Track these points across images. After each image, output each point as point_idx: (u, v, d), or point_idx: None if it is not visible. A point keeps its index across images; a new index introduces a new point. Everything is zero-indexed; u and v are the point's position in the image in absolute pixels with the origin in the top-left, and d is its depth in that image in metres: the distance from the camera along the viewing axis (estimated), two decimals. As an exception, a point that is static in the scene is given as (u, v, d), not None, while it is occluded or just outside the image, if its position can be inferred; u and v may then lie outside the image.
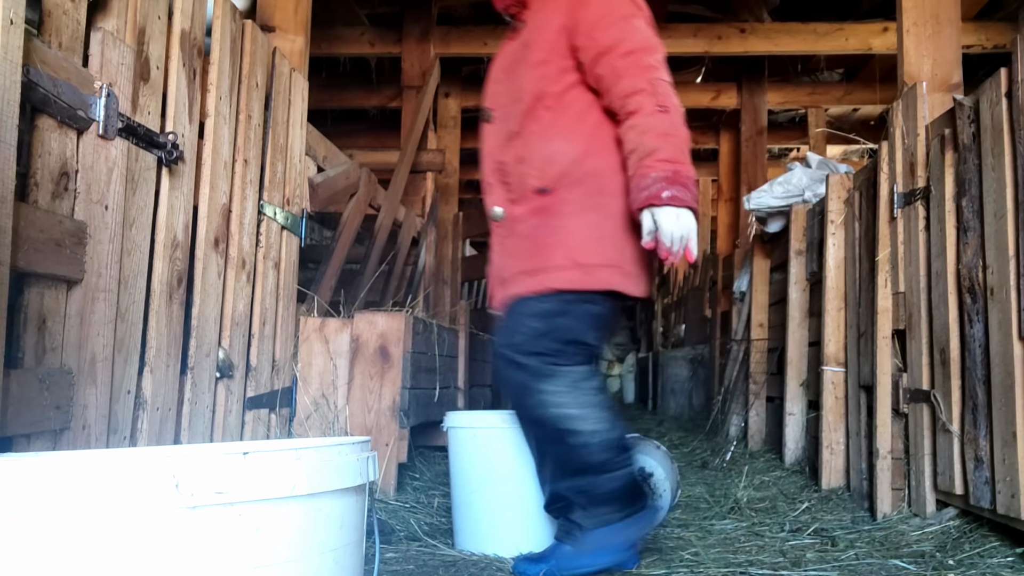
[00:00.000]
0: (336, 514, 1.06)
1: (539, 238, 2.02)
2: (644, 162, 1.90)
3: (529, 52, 2.12)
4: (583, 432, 1.95)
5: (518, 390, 2.02)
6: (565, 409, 1.96)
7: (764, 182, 5.11)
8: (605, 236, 2.00)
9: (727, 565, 2.18)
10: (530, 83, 2.09)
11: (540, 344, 1.97)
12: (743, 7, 5.58)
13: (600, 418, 1.99)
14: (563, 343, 1.98)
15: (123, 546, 0.89)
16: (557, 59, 2.06)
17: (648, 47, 2.01)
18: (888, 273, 2.87)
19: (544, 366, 1.97)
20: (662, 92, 1.95)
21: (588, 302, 1.99)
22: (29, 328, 1.54)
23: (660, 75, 1.98)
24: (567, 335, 1.98)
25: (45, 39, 1.59)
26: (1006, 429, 2.09)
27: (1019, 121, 2.06)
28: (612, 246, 1.99)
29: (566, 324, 1.98)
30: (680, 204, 1.87)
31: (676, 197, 1.86)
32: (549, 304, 1.99)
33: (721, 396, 5.17)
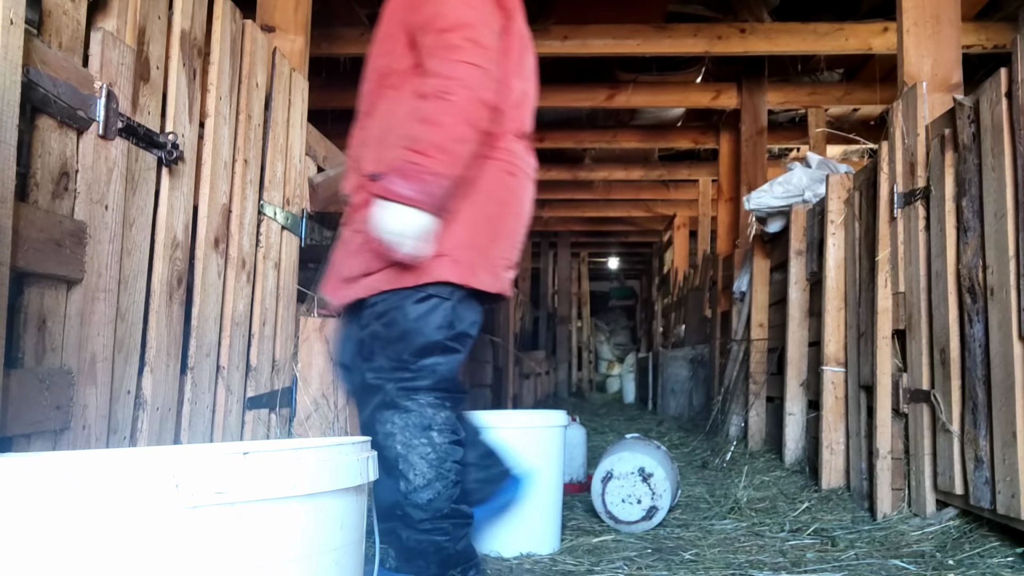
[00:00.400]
0: (336, 514, 1.05)
1: (370, 232, 1.81)
2: (400, 149, 1.74)
3: (378, 26, 1.97)
4: (412, 482, 1.79)
5: (369, 413, 1.87)
6: (403, 451, 1.79)
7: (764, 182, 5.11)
8: (443, 226, 1.80)
9: (727, 565, 2.18)
10: (375, 60, 1.96)
11: (389, 357, 1.81)
12: (743, 7, 5.58)
13: (436, 477, 1.80)
14: (414, 354, 1.81)
15: (123, 546, 0.89)
16: (401, 33, 1.90)
17: (462, 23, 1.77)
18: (888, 273, 2.87)
19: (399, 394, 1.80)
20: (449, 75, 1.74)
21: (425, 300, 1.81)
22: (29, 328, 1.54)
23: (461, 56, 1.75)
24: (414, 342, 1.81)
25: (45, 39, 1.59)
26: (1006, 429, 2.09)
27: (1019, 121, 2.06)
28: (447, 235, 1.80)
29: (407, 328, 1.81)
30: (395, 199, 1.69)
31: (394, 192, 1.68)
32: (385, 306, 1.83)
33: (721, 396, 5.17)
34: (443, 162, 1.72)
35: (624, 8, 5.47)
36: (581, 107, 7.22)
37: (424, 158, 1.70)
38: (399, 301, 1.82)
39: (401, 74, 1.89)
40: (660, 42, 5.51)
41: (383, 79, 1.93)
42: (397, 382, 1.81)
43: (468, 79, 1.74)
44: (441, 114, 1.72)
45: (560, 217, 11.79)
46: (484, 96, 1.77)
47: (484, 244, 1.87)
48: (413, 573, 1.83)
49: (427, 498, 1.79)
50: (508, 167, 1.92)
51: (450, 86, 1.73)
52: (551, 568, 2.16)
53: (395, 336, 1.82)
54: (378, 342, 1.84)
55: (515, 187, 1.94)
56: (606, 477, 2.72)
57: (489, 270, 1.87)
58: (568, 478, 3.56)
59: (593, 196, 10.32)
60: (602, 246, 15.09)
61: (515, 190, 1.94)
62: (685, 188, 10.20)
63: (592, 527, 2.73)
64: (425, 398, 1.82)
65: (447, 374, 1.85)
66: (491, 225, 1.88)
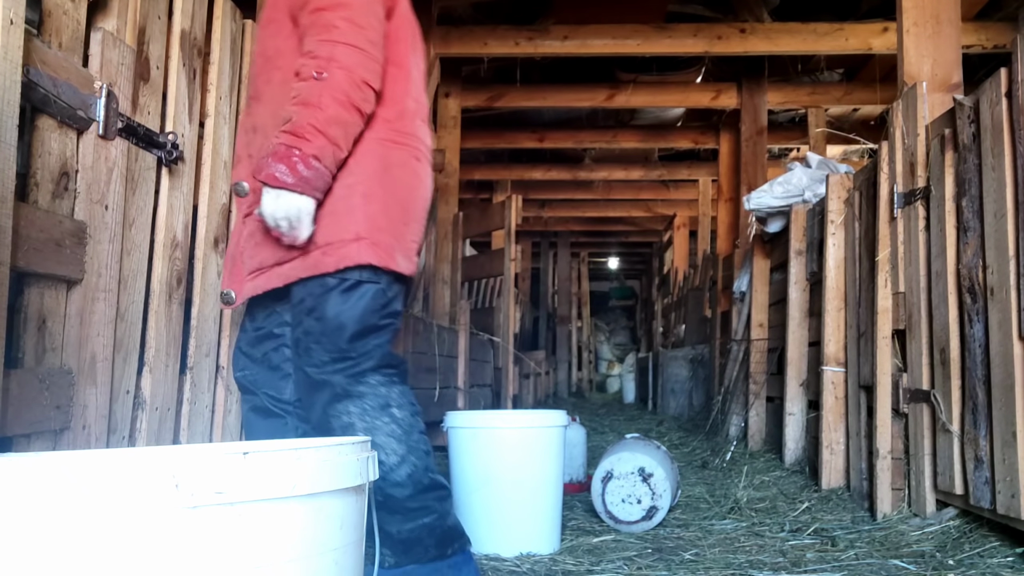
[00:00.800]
0: (336, 514, 1.06)
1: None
2: (278, 131, 1.72)
3: (263, 9, 1.94)
4: (386, 462, 1.77)
5: (321, 411, 1.84)
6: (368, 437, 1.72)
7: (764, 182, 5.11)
8: (349, 209, 1.79)
9: (727, 565, 2.18)
10: (261, 43, 1.93)
11: (328, 349, 1.79)
12: (743, 7, 5.58)
13: (408, 451, 1.80)
14: (352, 340, 1.80)
15: (123, 546, 0.89)
16: (285, 15, 1.87)
17: (339, 3, 1.73)
18: (888, 273, 2.87)
19: (349, 382, 1.79)
20: (325, 55, 1.70)
21: (354, 287, 1.80)
22: (29, 328, 1.54)
23: (337, 35, 1.72)
24: (350, 329, 1.79)
25: (45, 39, 1.59)
26: (1006, 429, 2.09)
27: (1019, 121, 2.06)
28: (355, 219, 1.79)
29: (341, 318, 1.79)
30: (275, 184, 1.67)
31: (271, 176, 1.66)
32: (312, 300, 1.80)
33: (721, 396, 5.17)
34: (319, 145, 1.70)
35: (624, 8, 5.47)
36: (581, 107, 7.23)
37: (301, 141, 1.68)
38: (324, 292, 1.80)
39: (287, 55, 1.85)
40: (660, 42, 5.51)
41: (268, 62, 1.90)
42: (343, 372, 1.80)
43: (345, 60, 1.71)
44: (318, 95, 1.69)
45: (560, 217, 11.80)
46: (363, 77, 1.74)
47: (399, 227, 1.87)
48: (415, 562, 1.82)
49: (406, 473, 1.79)
50: (414, 152, 1.93)
51: (326, 66, 1.70)
52: (551, 568, 2.16)
53: (331, 328, 1.80)
54: (312, 336, 1.81)
55: (420, 172, 1.95)
56: (606, 477, 2.72)
57: (404, 253, 1.88)
58: (568, 478, 3.56)
59: (593, 196, 10.32)
60: (602, 246, 15.09)
61: (420, 175, 1.95)
62: (685, 188, 10.21)
63: (592, 527, 2.73)
64: (375, 378, 1.82)
65: (387, 351, 1.86)
66: (404, 208, 1.88)
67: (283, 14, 1.87)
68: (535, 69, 6.67)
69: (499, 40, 5.56)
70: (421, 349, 3.27)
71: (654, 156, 9.18)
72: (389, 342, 1.89)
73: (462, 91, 6.39)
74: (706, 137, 7.96)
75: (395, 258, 1.84)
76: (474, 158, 8.91)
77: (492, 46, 5.57)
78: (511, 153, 9.24)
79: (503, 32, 5.57)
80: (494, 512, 2.32)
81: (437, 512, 1.84)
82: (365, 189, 1.81)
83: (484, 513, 2.32)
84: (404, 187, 1.89)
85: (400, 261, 1.86)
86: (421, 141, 1.97)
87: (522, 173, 9.35)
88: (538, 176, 9.38)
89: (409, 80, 1.93)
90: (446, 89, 6.20)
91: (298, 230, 1.74)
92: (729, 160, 7.57)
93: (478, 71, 6.48)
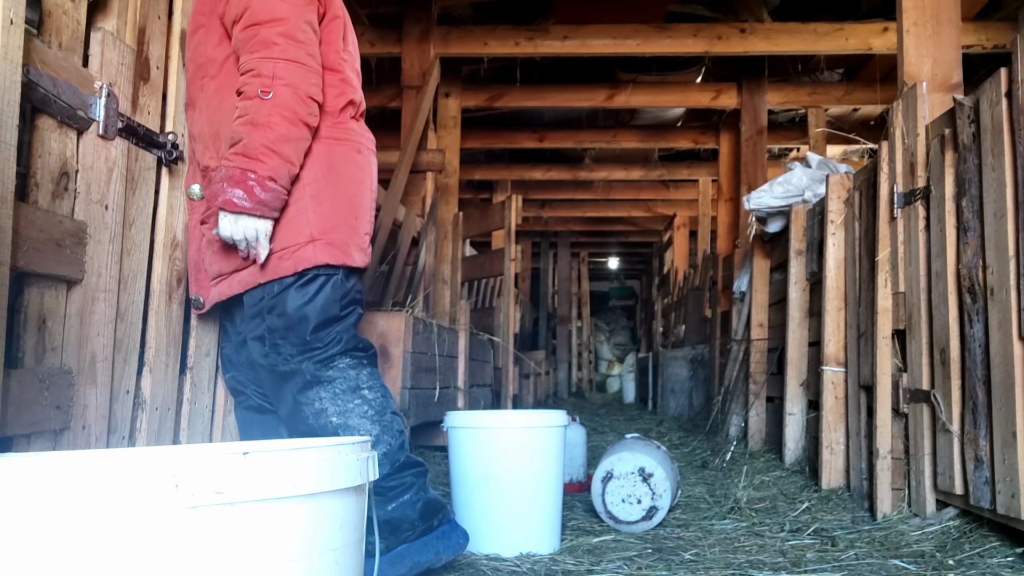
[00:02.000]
0: (336, 514, 1.06)
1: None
2: (227, 152, 1.78)
3: (192, 16, 1.99)
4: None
5: (292, 401, 1.88)
6: (340, 420, 1.83)
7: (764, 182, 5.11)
8: (300, 212, 1.85)
9: (727, 565, 2.18)
10: (192, 50, 1.98)
11: (293, 343, 1.85)
12: (743, 7, 5.58)
13: (381, 430, 1.84)
14: (316, 330, 1.86)
15: (123, 546, 0.89)
16: (215, 24, 1.91)
17: (276, 18, 1.78)
18: (888, 273, 2.87)
19: (318, 367, 1.84)
20: (268, 73, 1.74)
21: (311, 280, 1.86)
22: (29, 328, 1.54)
23: (278, 52, 1.76)
24: (313, 321, 1.85)
25: (45, 39, 1.59)
26: (1006, 429, 2.09)
27: (1019, 121, 2.06)
28: (308, 220, 1.85)
29: (302, 312, 1.85)
30: (232, 210, 1.75)
31: (229, 202, 1.74)
32: (271, 300, 1.87)
33: (721, 396, 5.17)
34: (274, 166, 1.75)
35: (624, 8, 5.48)
36: (581, 107, 7.23)
37: (255, 163, 1.73)
38: (283, 290, 1.85)
39: (219, 63, 1.91)
40: (660, 42, 5.51)
41: (200, 69, 1.95)
42: (311, 359, 1.84)
43: (288, 76, 1.75)
44: (267, 115, 1.73)
45: (560, 217, 11.80)
46: (307, 91, 1.79)
47: (351, 223, 1.93)
48: (404, 542, 1.87)
49: (381, 453, 1.81)
50: (355, 146, 1.99)
51: (271, 84, 1.74)
52: (551, 568, 2.16)
53: (294, 322, 1.85)
54: (277, 333, 1.86)
55: (364, 164, 2.01)
56: (606, 477, 2.72)
57: (358, 246, 1.95)
58: (568, 478, 3.56)
59: (593, 196, 10.32)
60: (602, 246, 15.09)
61: (364, 167, 2.01)
62: (685, 188, 10.21)
63: (592, 527, 2.73)
64: (344, 361, 1.87)
65: (352, 335, 1.93)
66: (353, 204, 1.95)
67: (213, 21, 1.91)
68: (535, 69, 6.67)
69: (499, 40, 5.56)
70: (421, 349, 3.27)
71: (654, 156, 9.18)
72: (354, 326, 1.95)
73: (462, 91, 6.39)
74: (706, 137, 7.96)
75: (350, 253, 1.91)
76: (474, 158, 8.92)
77: (492, 46, 5.57)
78: (511, 153, 9.24)
79: (503, 32, 5.58)
80: (494, 512, 2.31)
81: (415, 486, 1.88)
82: (313, 190, 1.86)
83: (484, 513, 2.32)
84: (350, 182, 1.95)
85: (355, 255, 1.93)
86: (361, 135, 2.04)
87: (522, 173, 9.35)
88: (538, 176, 9.38)
89: (344, 81, 1.98)
90: (446, 89, 6.20)
91: (257, 249, 1.82)
92: (729, 160, 7.58)
93: (478, 71, 6.48)
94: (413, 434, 3.32)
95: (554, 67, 6.74)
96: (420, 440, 3.72)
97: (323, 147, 1.90)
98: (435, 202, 5.18)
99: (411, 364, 3.08)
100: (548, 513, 2.37)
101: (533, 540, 2.33)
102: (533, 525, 2.34)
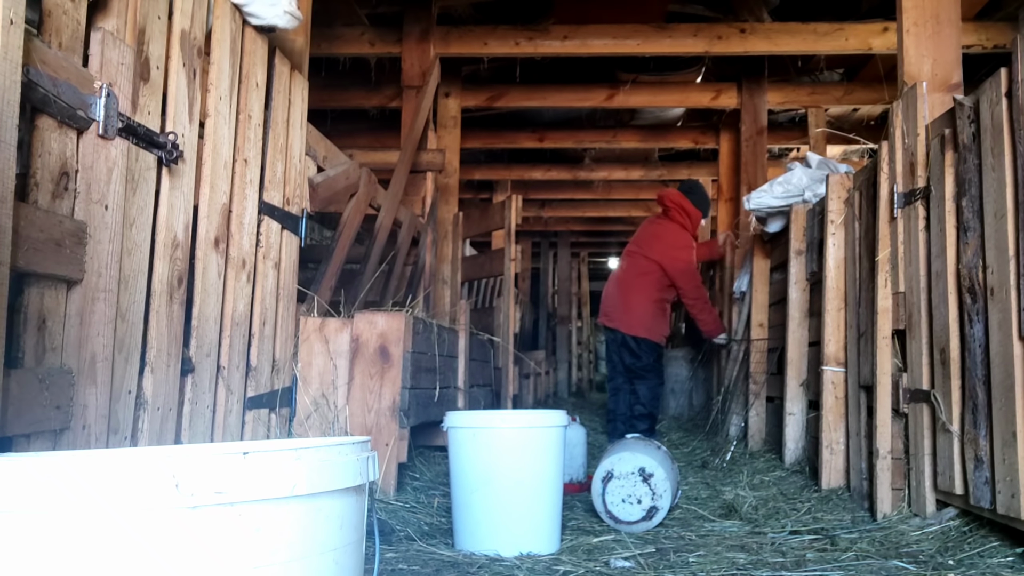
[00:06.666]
0: (336, 514, 1.06)
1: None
2: (705, 323, 5.31)
3: (646, 242, 5.33)
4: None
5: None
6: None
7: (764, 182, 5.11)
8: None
9: (727, 565, 2.18)
10: (638, 258, 5.27)
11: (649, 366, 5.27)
12: (743, 7, 5.57)
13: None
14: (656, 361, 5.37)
15: (123, 546, 0.89)
16: (656, 263, 5.15)
17: (695, 270, 5.26)
18: (888, 273, 2.87)
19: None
20: (701, 300, 5.20)
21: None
22: (29, 328, 1.54)
23: (701, 295, 5.22)
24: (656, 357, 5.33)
25: (45, 39, 1.59)
26: (1006, 429, 2.09)
27: (1019, 121, 2.06)
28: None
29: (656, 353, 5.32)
30: (712, 335, 5.36)
31: (712, 334, 5.27)
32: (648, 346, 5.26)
33: (721, 396, 5.17)
34: (711, 324, 5.20)
35: (624, 8, 5.47)
36: (581, 107, 7.22)
37: (708, 325, 5.20)
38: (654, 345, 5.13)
39: (648, 276, 5.11)
40: (660, 42, 5.51)
41: (641, 276, 5.13)
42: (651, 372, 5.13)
43: (703, 301, 5.19)
44: (704, 312, 5.16)
45: (560, 217, 11.79)
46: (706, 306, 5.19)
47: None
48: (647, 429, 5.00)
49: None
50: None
51: (702, 304, 5.15)
52: (551, 568, 2.16)
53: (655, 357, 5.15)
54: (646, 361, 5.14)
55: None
56: (606, 477, 2.72)
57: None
58: (568, 478, 3.56)
59: (593, 196, 10.31)
60: (602, 246, 15.08)
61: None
62: (685, 188, 10.19)
63: (592, 527, 2.73)
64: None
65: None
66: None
67: (656, 262, 5.07)
68: (535, 69, 6.66)
69: (499, 40, 5.55)
70: (421, 349, 3.26)
71: (654, 156, 9.17)
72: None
73: (462, 91, 6.39)
74: (706, 137, 7.95)
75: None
76: (474, 158, 8.91)
77: (492, 46, 5.56)
78: (511, 153, 9.23)
79: (503, 32, 5.57)
80: (494, 512, 2.31)
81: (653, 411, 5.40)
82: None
83: (484, 513, 2.32)
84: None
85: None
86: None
87: (522, 173, 9.34)
88: (538, 176, 9.37)
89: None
90: (446, 89, 6.19)
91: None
92: (729, 160, 7.57)
93: (478, 71, 6.47)
94: (413, 434, 3.33)
95: (554, 67, 6.73)
96: (420, 440, 3.72)
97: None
98: (435, 202, 5.18)
99: (411, 364, 3.07)
100: (548, 513, 2.37)
101: (533, 540, 2.33)
102: (533, 525, 2.34)
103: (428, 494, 3.08)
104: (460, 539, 2.38)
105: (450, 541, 2.44)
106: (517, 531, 2.31)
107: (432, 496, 3.03)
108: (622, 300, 5.10)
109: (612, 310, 5.17)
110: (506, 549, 2.29)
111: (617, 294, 5.15)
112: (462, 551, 2.33)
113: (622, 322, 5.08)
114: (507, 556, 2.28)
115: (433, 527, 2.62)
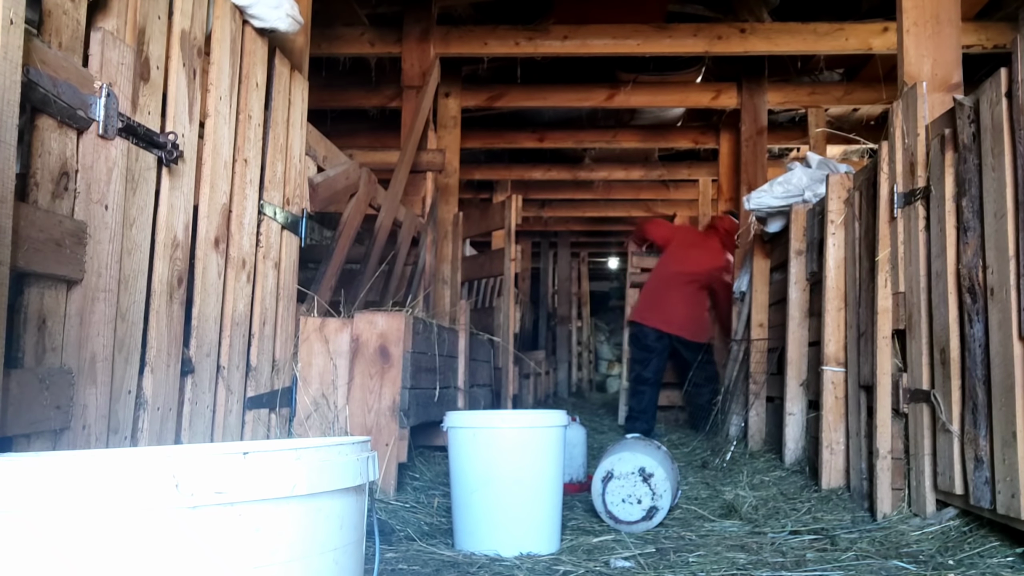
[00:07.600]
0: (336, 514, 1.06)
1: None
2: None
3: (705, 248, 6.16)
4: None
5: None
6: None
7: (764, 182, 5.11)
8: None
9: (727, 565, 2.18)
10: (701, 265, 5.96)
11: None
12: (743, 7, 5.57)
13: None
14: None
15: (123, 546, 0.89)
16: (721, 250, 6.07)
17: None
18: (888, 273, 2.87)
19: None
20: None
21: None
22: (29, 328, 1.54)
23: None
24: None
25: (45, 39, 1.59)
26: (1006, 429, 2.09)
27: (1019, 121, 2.06)
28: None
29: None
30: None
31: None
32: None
33: (721, 396, 5.17)
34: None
35: (624, 8, 5.47)
36: (581, 107, 7.22)
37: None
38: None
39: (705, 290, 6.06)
40: (660, 42, 5.51)
41: (707, 282, 5.99)
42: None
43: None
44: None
45: (560, 217, 11.78)
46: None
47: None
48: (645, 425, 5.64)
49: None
50: None
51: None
52: (551, 568, 2.16)
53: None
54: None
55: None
56: (606, 477, 2.72)
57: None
58: (568, 478, 3.56)
59: (593, 196, 10.31)
60: (602, 246, 15.08)
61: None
62: (685, 188, 10.19)
63: (592, 527, 2.73)
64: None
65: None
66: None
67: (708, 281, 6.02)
68: (535, 69, 6.66)
69: (499, 40, 5.55)
70: (421, 349, 3.26)
71: (654, 156, 9.17)
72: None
73: (462, 91, 6.39)
74: (706, 137, 7.95)
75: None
76: (474, 158, 8.90)
77: (492, 46, 5.56)
78: (511, 153, 9.23)
79: (503, 32, 5.57)
80: (494, 512, 2.31)
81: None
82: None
83: (484, 513, 2.32)
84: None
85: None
86: None
87: (522, 173, 9.34)
88: (538, 176, 9.37)
89: None
90: (446, 89, 6.19)
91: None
92: (729, 160, 7.57)
93: (478, 71, 6.47)
94: (413, 434, 3.33)
95: (554, 67, 6.73)
96: (420, 440, 3.72)
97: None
98: (435, 202, 5.18)
99: (411, 364, 3.07)
100: (548, 513, 2.37)
101: (533, 540, 2.33)
102: (533, 525, 2.34)
103: (428, 494, 3.08)
104: (460, 539, 2.38)
105: (450, 541, 2.44)
106: (517, 531, 2.31)
107: (432, 496, 3.03)
108: (687, 310, 5.91)
109: (672, 317, 5.88)
110: (506, 549, 2.29)
111: (681, 303, 5.90)
112: (462, 551, 2.33)
113: (687, 330, 5.91)
114: (507, 556, 2.28)
115: (433, 527, 2.62)
